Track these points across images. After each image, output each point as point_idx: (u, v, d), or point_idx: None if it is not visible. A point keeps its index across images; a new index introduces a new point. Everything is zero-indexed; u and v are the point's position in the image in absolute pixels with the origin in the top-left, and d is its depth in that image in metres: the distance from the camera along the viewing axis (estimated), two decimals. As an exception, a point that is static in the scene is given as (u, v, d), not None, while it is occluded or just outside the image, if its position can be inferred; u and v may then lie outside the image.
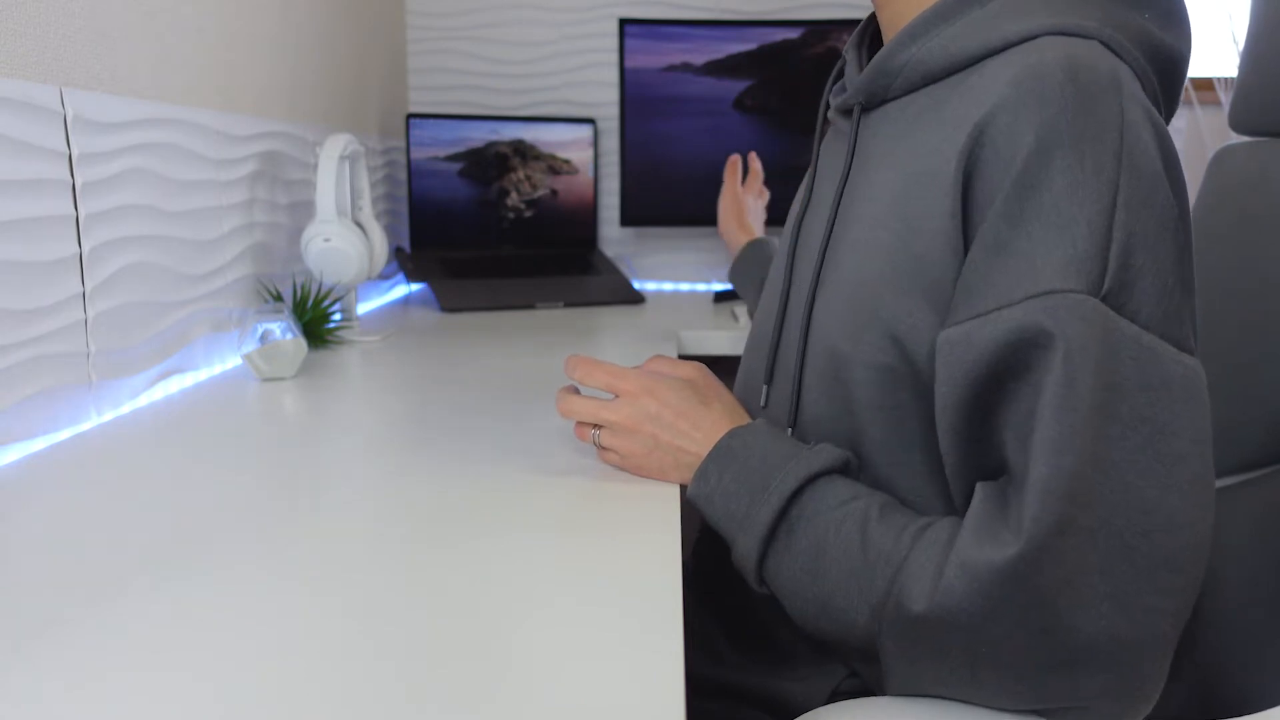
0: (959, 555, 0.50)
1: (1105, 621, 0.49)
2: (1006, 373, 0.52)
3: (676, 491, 0.67)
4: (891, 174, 0.61)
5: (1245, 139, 0.87)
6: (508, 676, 0.43)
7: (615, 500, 0.65)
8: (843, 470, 0.61)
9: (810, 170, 0.75)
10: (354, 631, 0.47)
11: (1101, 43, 0.56)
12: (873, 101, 0.65)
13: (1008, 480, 0.53)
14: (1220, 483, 0.83)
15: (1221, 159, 0.89)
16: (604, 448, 0.72)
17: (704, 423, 0.67)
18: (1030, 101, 0.52)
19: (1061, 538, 0.48)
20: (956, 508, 0.59)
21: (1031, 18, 0.57)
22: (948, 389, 0.54)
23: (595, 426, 0.71)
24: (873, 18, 0.75)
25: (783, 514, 0.59)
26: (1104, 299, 0.50)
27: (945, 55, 0.60)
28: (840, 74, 0.75)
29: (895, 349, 0.58)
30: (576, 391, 0.74)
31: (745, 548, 0.60)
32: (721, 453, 0.64)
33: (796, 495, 0.59)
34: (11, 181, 0.74)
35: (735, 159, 1.45)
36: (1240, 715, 0.56)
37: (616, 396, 0.71)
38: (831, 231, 0.66)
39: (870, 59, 0.73)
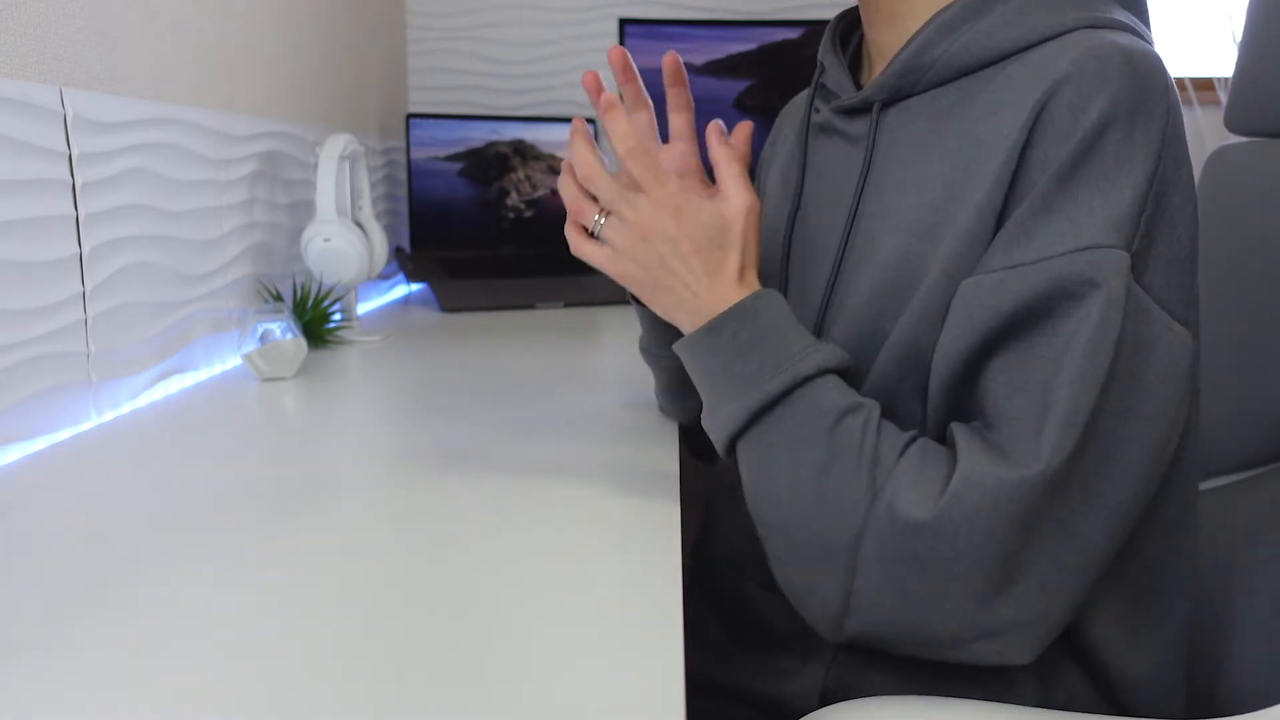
0: (968, 470, 0.52)
1: (1053, 548, 0.53)
2: (1027, 320, 0.54)
3: (676, 491, 0.67)
4: (935, 163, 0.61)
5: (1241, 139, 0.87)
6: (507, 676, 0.43)
7: (615, 500, 0.65)
8: (846, 374, 0.62)
9: (797, 173, 0.74)
10: (353, 631, 0.47)
11: (1133, 34, 0.60)
12: (895, 97, 0.66)
13: (982, 424, 0.56)
14: (1220, 481, 0.83)
15: (1217, 159, 0.89)
16: (592, 237, 0.67)
17: (714, 271, 0.64)
18: (1094, 79, 0.55)
19: (1067, 467, 0.52)
20: None
21: (1061, 12, 0.61)
22: (962, 332, 0.56)
23: (602, 211, 0.66)
24: (838, 21, 0.75)
25: (787, 392, 0.59)
26: (1131, 257, 0.54)
27: (981, 49, 0.61)
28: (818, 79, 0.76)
29: (933, 325, 0.59)
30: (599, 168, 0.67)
31: (733, 411, 0.60)
32: (744, 312, 0.62)
33: (807, 381, 0.59)
34: (11, 181, 0.74)
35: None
36: (1240, 715, 0.56)
37: (641, 192, 0.64)
38: (853, 225, 0.66)
39: (848, 60, 0.73)
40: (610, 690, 0.42)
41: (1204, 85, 1.93)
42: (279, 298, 1.17)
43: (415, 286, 1.83)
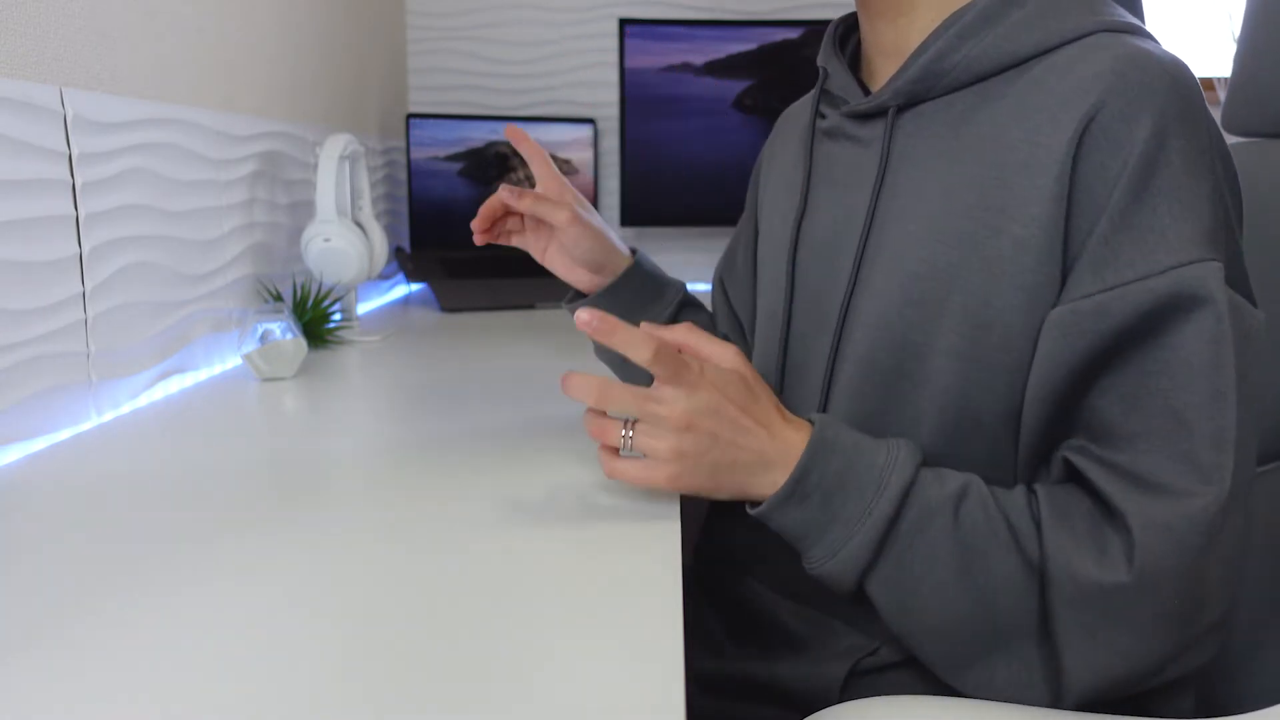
0: (1142, 518, 0.53)
1: (1222, 552, 0.53)
2: (1130, 340, 0.55)
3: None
4: (960, 167, 0.61)
5: (1239, 139, 0.87)
6: (507, 676, 0.43)
7: (616, 499, 0.65)
8: (925, 461, 0.61)
9: (802, 178, 0.74)
10: (352, 632, 0.47)
11: (1148, 38, 0.60)
12: (911, 103, 0.65)
13: (1088, 441, 0.57)
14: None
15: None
16: (615, 456, 0.62)
17: (765, 420, 0.61)
18: (1140, 90, 0.56)
19: (1236, 482, 0.53)
20: (1020, 476, 0.61)
21: (1076, 16, 0.61)
22: (1062, 359, 0.56)
23: (627, 425, 0.61)
24: (837, 25, 0.75)
25: (900, 508, 0.57)
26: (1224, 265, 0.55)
27: (1000, 54, 0.61)
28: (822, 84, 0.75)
29: (979, 334, 0.59)
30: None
31: (855, 548, 0.57)
32: (822, 447, 0.59)
33: (912, 486, 0.58)
34: (11, 181, 0.74)
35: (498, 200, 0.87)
36: (1243, 714, 0.56)
37: (667, 385, 0.60)
38: (869, 232, 0.66)
39: (849, 65, 0.73)
40: (610, 690, 0.42)
41: (1204, 85, 1.93)
42: (279, 298, 1.17)
43: (415, 286, 1.83)
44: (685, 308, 0.94)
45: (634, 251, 0.90)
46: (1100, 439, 0.56)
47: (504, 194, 0.85)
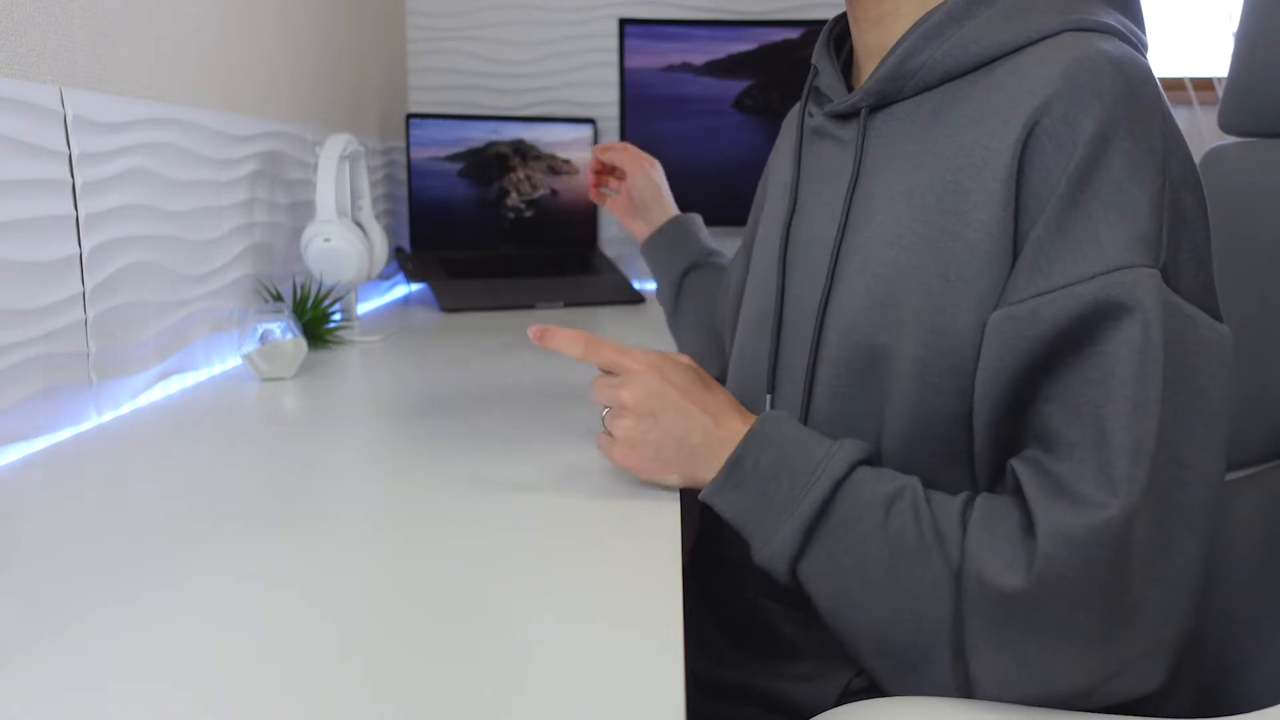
0: (1048, 526, 0.51)
1: (1157, 572, 0.52)
2: (1067, 346, 0.54)
3: (676, 491, 0.67)
4: (923, 170, 0.61)
5: (1235, 139, 0.88)
6: (507, 677, 0.43)
7: (615, 500, 0.65)
8: (870, 460, 0.61)
9: (793, 177, 0.74)
10: (352, 632, 0.47)
11: (1118, 37, 0.59)
12: (882, 103, 0.65)
13: (1040, 451, 0.55)
14: (1219, 482, 0.83)
15: (1211, 160, 0.89)
16: (608, 433, 0.68)
17: (711, 409, 0.64)
18: (1086, 92, 0.55)
19: (1146, 498, 0.51)
20: (979, 485, 0.60)
21: (1045, 15, 0.60)
22: (1003, 364, 0.56)
23: (605, 409, 0.68)
24: (834, 24, 0.75)
25: (829, 500, 0.58)
26: (1161, 271, 0.53)
27: (966, 54, 0.61)
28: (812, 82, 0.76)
29: (934, 339, 0.59)
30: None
31: (784, 536, 0.58)
32: (757, 438, 0.61)
33: (844, 481, 0.58)
34: (11, 181, 0.74)
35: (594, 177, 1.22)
36: (1242, 714, 0.56)
37: (622, 374, 0.67)
38: (844, 232, 0.66)
39: (842, 64, 0.73)
40: (610, 690, 0.42)
41: (1204, 85, 1.93)
42: (279, 298, 1.17)
43: (415, 286, 1.83)
44: (702, 268, 1.09)
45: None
46: (1047, 448, 0.55)
47: (594, 149, 1.19)
